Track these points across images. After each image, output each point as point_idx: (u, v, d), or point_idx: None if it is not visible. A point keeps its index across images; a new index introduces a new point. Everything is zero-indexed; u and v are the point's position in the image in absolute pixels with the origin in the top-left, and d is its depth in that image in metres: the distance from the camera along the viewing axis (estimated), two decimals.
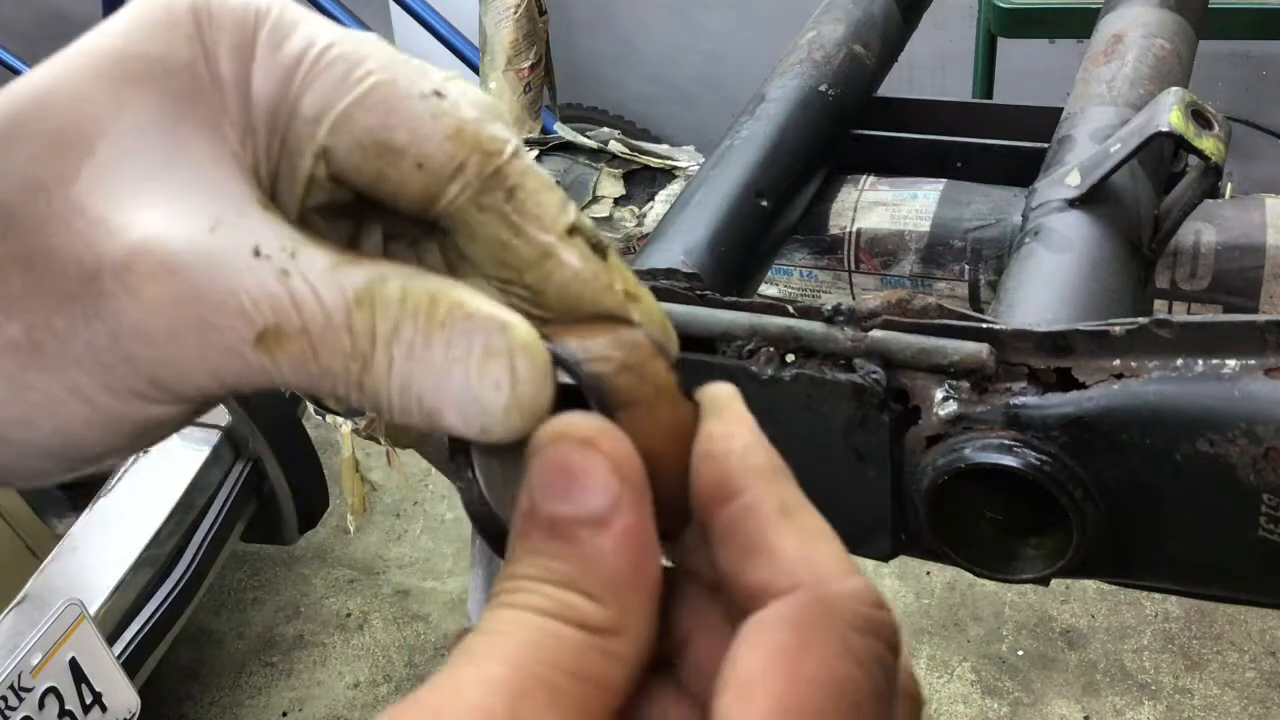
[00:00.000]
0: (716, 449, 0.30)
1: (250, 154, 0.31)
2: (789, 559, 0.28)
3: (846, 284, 0.82)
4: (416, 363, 0.29)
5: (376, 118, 0.30)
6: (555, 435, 0.29)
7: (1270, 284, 0.70)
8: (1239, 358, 0.48)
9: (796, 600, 0.27)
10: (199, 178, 0.30)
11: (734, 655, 0.27)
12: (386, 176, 0.30)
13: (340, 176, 0.31)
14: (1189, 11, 0.82)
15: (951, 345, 0.52)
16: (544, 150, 0.93)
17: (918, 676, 0.34)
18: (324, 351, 0.29)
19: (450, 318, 0.29)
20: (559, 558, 0.28)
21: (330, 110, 0.30)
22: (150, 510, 1.90)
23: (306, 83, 0.30)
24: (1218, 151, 0.61)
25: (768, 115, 0.77)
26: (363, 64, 0.30)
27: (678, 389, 0.31)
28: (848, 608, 0.27)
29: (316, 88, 0.30)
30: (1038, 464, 0.51)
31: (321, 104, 0.30)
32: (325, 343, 0.29)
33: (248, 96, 0.31)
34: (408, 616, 2.31)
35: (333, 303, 0.29)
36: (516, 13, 1.45)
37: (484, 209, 0.31)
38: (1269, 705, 2.03)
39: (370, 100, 0.30)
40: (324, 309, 0.29)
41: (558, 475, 0.28)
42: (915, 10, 0.94)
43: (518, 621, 0.27)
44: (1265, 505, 0.49)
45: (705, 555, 0.30)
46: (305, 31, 0.31)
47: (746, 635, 0.27)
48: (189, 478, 1.95)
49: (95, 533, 1.86)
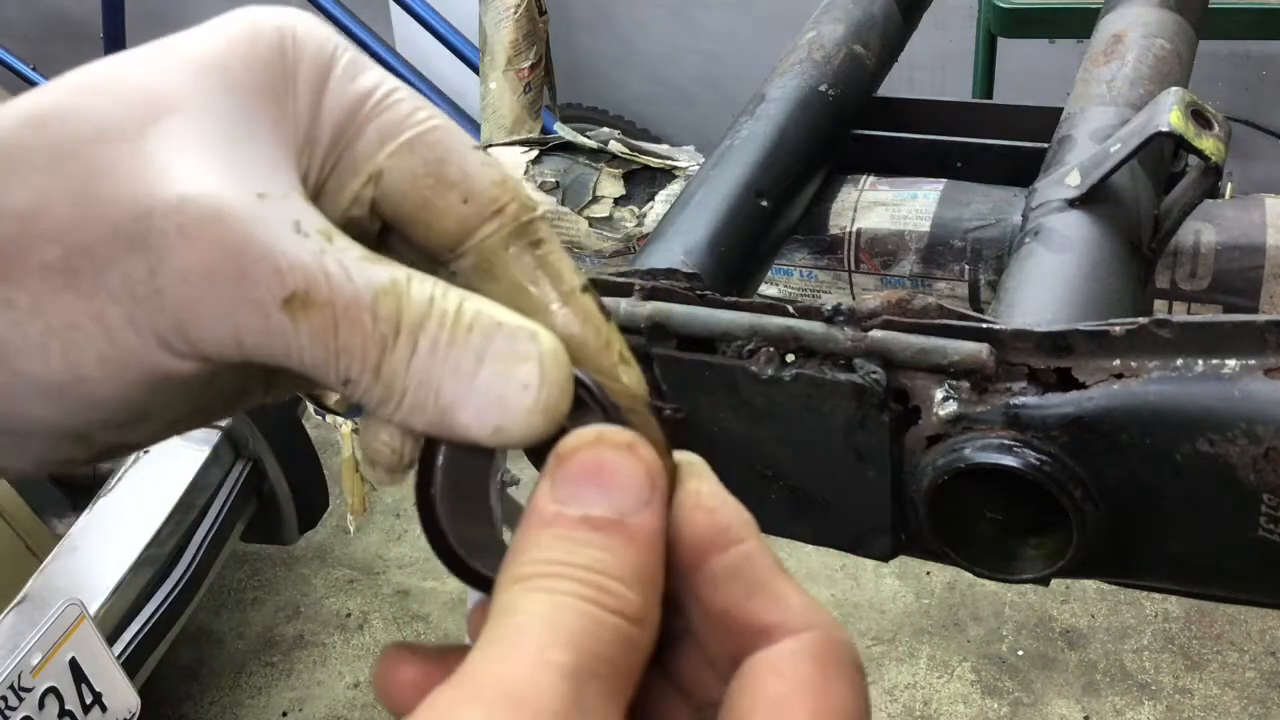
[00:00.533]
0: (712, 502, 0.33)
1: (305, 162, 0.34)
2: (799, 604, 0.32)
3: (846, 284, 0.82)
4: (439, 359, 0.31)
5: (435, 153, 0.34)
6: (596, 437, 0.31)
7: (1270, 284, 0.70)
8: (1239, 358, 0.48)
9: (814, 640, 0.31)
10: (258, 160, 0.33)
11: (759, 682, 0.30)
12: (432, 204, 0.34)
13: (382, 200, 0.34)
14: (1189, 11, 0.82)
15: (951, 345, 0.52)
16: (544, 150, 0.93)
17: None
18: (345, 327, 0.31)
19: (478, 322, 0.32)
20: (596, 547, 0.30)
21: (394, 138, 0.34)
22: (150, 510, 1.90)
23: (375, 113, 0.34)
24: (1218, 151, 0.61)
25: (768, 115, 0.77)
26: (425, 109, 0.35)
27: (665, 443, 0.34)
28: (850, 649, 0.31)
29: (383, 119, 0.34)
30: (1038, 464, 0.51)
31: (385, 132, 0.34)
32: (349, 318, 0.31)
33: (317, 112, 0.34)
34: (408, 616, 2.31)
35: (362, 283, 0.31)
36: (516, 13, 1.46)
37: (511, 252, 0.34)
38: (1269, 705, 2.03)
39: (430, 138, 0.34)
40: (353, 287, 0.31)
41: (597, 473, 0.31)
42: (915, 10, 0.94)
43: (562, 605, 0.29)
44: (1265, 505, 0.49)
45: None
46: (378, 74, 0.35)
47: (772, 665, 0.30)
48: (189, 478, 1.95)
49: (95, 533, 1.86)
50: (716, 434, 0.60)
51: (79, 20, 3.26)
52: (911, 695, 2.10)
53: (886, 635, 2.21)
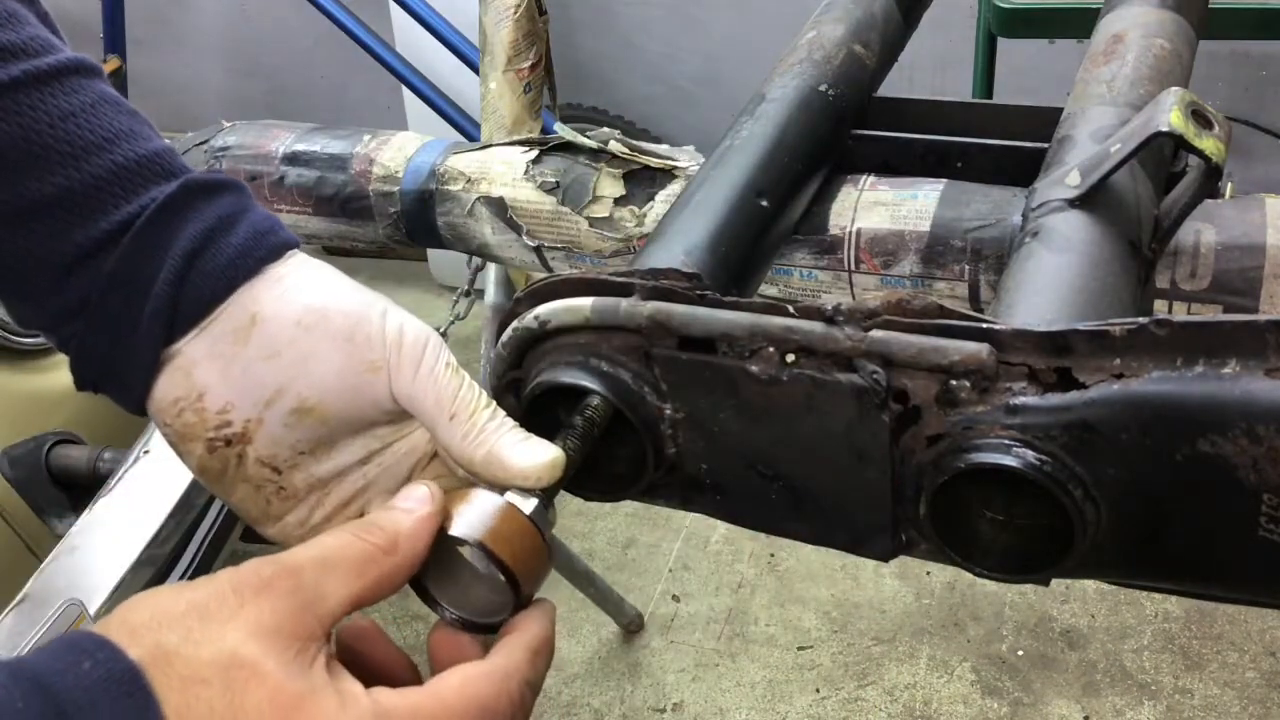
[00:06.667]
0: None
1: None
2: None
3: (846, 284, 0.82)
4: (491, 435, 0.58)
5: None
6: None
7: (1270, 284, 0.70)
8: (1239, 358, 0.48)
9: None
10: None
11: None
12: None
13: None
14: (1189, 11, 0.82)
15: (951, 345, 0.52)
16: (544, 150, 0.93)
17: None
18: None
19: (504, 423, 0.59)
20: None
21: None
22: (150, 510, 1.90)
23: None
24: (1218, 151, 0.61)
25: (768, 115, 0.77)
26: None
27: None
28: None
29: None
30: (1038, 464, 0.51)
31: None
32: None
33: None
34: (408, 616, 2.31)
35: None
36: (516, 13, 1.45)
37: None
38: (1269, 705, 2.03)
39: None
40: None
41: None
42: (915, 10, 0.94)
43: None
44: (1265, 505, 0.49)
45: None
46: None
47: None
48: (189, 478, 1.94)
49: (95, 533, 1.86)
50: (716, 434, 0.60)
51: (79, 20, 3.26)
52: (911, 695, 2.10)
53: (886, 635, 2.21)
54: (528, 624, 0.53)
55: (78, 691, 0.42)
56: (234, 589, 0.47)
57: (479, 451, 0.57)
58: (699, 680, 2.17)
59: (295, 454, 0.60)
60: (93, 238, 0.56)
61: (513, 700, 0.50)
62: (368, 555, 0.50)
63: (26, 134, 0.55)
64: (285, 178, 0.99)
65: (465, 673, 0.50)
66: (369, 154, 0.97)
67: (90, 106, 0.57)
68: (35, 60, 0.56)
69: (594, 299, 0.60)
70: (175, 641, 0.44)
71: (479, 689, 0.49)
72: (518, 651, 0.52)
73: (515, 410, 0.61)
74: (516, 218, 0.92)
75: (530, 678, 0.51)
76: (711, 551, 2.42)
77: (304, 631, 0.47)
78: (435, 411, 0.57)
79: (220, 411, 0.58)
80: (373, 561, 0.50)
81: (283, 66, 3.53)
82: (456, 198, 0.94)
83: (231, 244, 0.57)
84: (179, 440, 0.59)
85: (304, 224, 1.00)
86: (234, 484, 0.60)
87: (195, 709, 0.43)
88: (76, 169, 0.56)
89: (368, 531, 0.51)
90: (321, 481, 0.61)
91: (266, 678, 0.44)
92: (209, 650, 0.44)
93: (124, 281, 0.57)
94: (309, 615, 0.47)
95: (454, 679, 0.50)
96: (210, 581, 0.47)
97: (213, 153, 1.01)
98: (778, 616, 2.27)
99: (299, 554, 0.49)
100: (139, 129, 0.59)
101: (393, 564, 0.51)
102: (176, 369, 0.58)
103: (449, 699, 0.48)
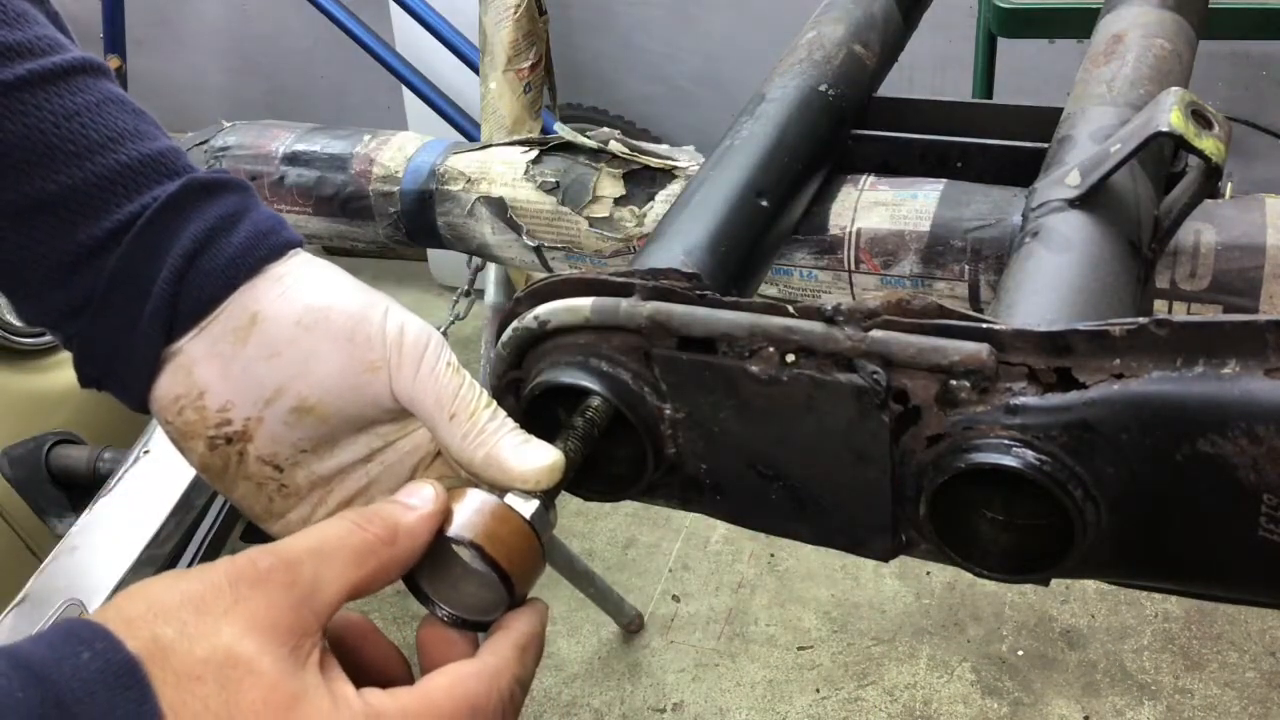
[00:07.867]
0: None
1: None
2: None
3: (846, 284, 0.82)
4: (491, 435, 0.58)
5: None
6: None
7: (1270, 284, 0.70)
8: (1239, 358, 0.48)
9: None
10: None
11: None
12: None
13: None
14: (1189, 11, 0.82)
15: (951, 345, 0.52)
16: (544, 150, 0.93)
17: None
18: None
19: (504, 424, 0.58)
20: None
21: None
22: (150, 510, 1.90)
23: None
24: (1218, 151, 0.61)
25: (768, 115, 0.77)
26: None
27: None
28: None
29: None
30: (1038, 464, 0.51)
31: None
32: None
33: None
34: (408, 616, 2.31)
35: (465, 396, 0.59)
36: (516, 13, 1.46)
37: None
38: (1269, 705, 2.03)
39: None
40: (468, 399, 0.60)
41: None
42: (915, 10, 0.94)
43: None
44: (1265, 505, 0.49)
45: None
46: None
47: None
48: (189, 477, 1.94)
49: (95, 533, 1.86)
50: (716, 434, 0.60)
51: (80, 20, 3.26)
52: (911, 695, 2.10)
53: (886, 635, 2.21)
54: (517, 621, 0.53)
55: (76, 682, 0.42)
56: (230, 581, 0.47)
57: (479, 452, 0.57)
58: (699, 680, 2.17)
59: (297, 452, 0.60)
60: (96, 236, 0.57)
61: (503, 698, 0.50)
62: (367, 545, 0.51)
63: (31, 132, 0.55)
64: (285, 178, 0.99)
65: (455, 672, 0.50)
66: (369, 154, 0.97)
67: (96, 106, 0.57)
68: (41, 59, 0.56)
69: (594, 299, 0.60)
70: (171, 635, 0.44)
71: (469, 688, 0.49)
72: (507, 649, 0.52)
73: (515, 410, 0.61)
74: (516, 218, 0.92)
75: (520, 675, 0.52)
76: (711, 551, 2.42)
77: (300, 627, 0.47)
78: (435, 411, 0.57)
79: (220, 410, 0.58)
80: (372, 552, 0.51)
81: (283, 66, 3.53)
82: (456, 198, 0.94)
83: (232, 243, 0.58)
84: (180, 438, 0.60)
85: (304, 224, 1.00)
86: (236, 481, 0.60)
87: (190, 705, 0.43)
88: (81, 168, 0.56)
89: (368, 521, 0.51)
90: (324, 479, 0.61)
91: (261, 676, 0.44)
92: (204, 646, 0.44)
93: (125, 280, 0.57)
94: (305, 609, 0.47)
95: (443, 679, 0.50)
96: (206, 572, 0.47)
97: (213, 153, 1.01)
98: (778, 616, 2.27)
99: (297, 543, 0.49)
100: (145, 128, 0.59)
101: (391, 556, 0.51)
102: (177, 367, 0.58)
103: (438, 700, 0.49)
